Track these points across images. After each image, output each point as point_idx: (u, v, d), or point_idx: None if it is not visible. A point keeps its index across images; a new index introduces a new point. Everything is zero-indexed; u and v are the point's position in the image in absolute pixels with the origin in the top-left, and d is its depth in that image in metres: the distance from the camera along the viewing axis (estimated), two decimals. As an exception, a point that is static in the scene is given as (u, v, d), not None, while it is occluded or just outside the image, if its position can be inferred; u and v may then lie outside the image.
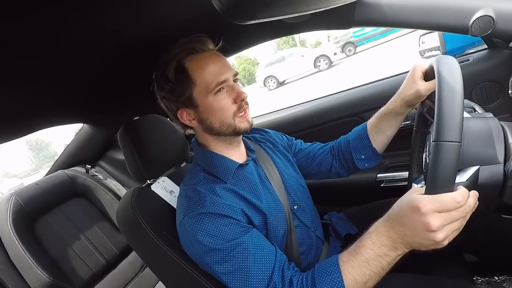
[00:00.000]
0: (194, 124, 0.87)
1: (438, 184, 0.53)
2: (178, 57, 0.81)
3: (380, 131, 1.00)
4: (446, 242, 0.55)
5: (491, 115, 0.72)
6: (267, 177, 0.95)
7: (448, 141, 0.52)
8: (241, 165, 0.90)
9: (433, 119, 0.56)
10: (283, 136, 1.18)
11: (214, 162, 0.88)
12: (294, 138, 1.19)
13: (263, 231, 0.84)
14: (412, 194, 0.58)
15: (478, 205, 0.57)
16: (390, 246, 0.61)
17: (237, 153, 0.93)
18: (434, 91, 0.70)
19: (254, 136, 1.09)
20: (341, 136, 1.12)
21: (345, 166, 1.09)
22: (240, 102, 0.84)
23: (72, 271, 1.43)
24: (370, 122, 1.02)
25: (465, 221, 0.56)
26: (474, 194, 0.56)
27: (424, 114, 0.88)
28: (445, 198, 0.53)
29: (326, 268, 0.68)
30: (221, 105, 0.83)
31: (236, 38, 0.89)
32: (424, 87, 0.83)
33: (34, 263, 1.31)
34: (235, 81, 0.86)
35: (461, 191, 0.54)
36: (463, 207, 0.54)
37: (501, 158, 0.62)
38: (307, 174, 1.13)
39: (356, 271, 0.64)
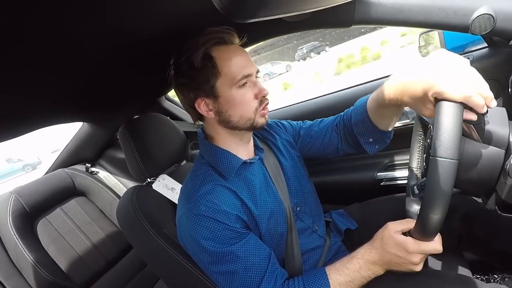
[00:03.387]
0: (210, 115, 0.85)
1: (425, 234, 0.65)
2: (206, 45, 0.79)
3: (384, 117, 0.89)
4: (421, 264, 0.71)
5: (504, 110, 0.70)
6: (271, 178, 0.95)
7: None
8: (245, 163, 0.89)
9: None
10: (287, 127, 1.12)
11: (218, 157, 0.87)
12: (297, 123, 1.14)
13: (258, 233, 0.85)
14: (398, 236, 0.71)
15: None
16: (374, 270, 0.75)
17: (245, 150, 0.93)
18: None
19: (261, 133, 1.06)
20: (345, 113, 1.03)
21: (352, 145, 1.02)
22: (262, 98, 0.85)
23: (72, 269, 1.43)
24: (370, 108, 0.90)
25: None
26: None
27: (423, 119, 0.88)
28: (427, 247, 0.67)
29: (316, 280, 0.77)
30: (244, 99, 0.82)
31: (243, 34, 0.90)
32: (429, 113, 0.65)
33: (35, 262, 1.31)
34: (256, 78, 0.87)
35: (438, 240, 0.67)
36: (432, 246, 0.68)
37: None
38: (312, 155, 1.11)
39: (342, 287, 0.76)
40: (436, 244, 0.67)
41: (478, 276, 1.29)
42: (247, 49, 1.13)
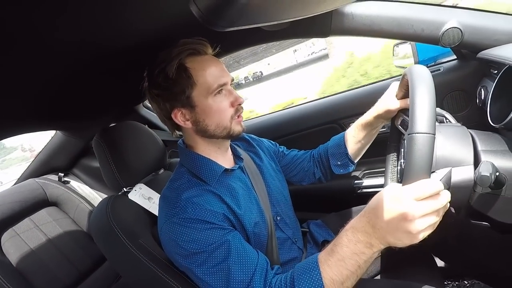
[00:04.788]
0: (187, 125, 0.86)
1: (414, 173, 0.55)
2: (180, 56, 0.81)
3: (356, 140, 1.06)
4: (420, 237, 0.55)
5: (459, 125, 0.75)
6: (253, 186, 0.95)
7: (422, 133, 0.55)
8: (226, 170, 0.89)
9: (406, 130, 0.58)
10: (270, 142, 1.20)
11: (200, 165, 0.87)
12: (278, 144, 1.22)
13: (244, 235, 0.84)
14: (389, 187, 0.59)
15: (449, 208, 0.58)
16: (365, 242, 0.60)
17: (225, 159, 0.94)
18: (407, 108, 0.81)
19: (242, 144, 1.10)
20: (321, 145, 1.17)
21: (323, 172, 1.14)
22: (237, 106, 0.87)
23: (42, 283, 1.36)
24: (348, 131, 1.09)
25: (439, 218, 0.56)
26: (447, 192, 0.56)
27: (397, 127, 0.91)
28: (421, 184, 0.54)
29: (305, 268, 0.68)
30: (220, 107, 0.84)
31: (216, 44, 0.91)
32: (395, 104, 0.90)
33: (0, 276, 1.24)
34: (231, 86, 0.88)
35: (436, 180, 0.55)
36: (438, 198, 0.54)
37: (471, 160, 0.65)
38: (290, 179, 1.17)
39: (333, 270, 0.63)
40: (431, 180, 0.54)
41: (449, 282, 1.32)
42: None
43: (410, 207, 0.53)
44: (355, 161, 1.10)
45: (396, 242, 0.57)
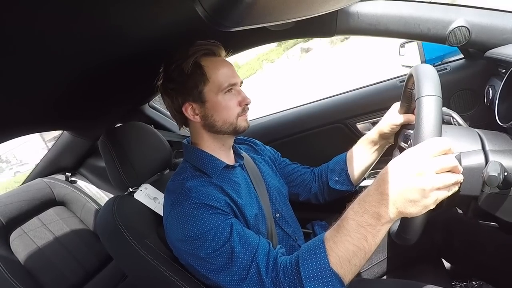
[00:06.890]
0: (196, 119, 0.91)
1: (424, 133, 0.58)
2: (196, 54, 0.87)
3: (356, 158, 1.08)
4: (434, 198, 0.53)
5: (466, 125, 0.75)
6: (252, 183, 0.98)
7: (429, 95, 0.59)
8: (227, 166, 0.93)
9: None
10: (273, 151, 1.25)
11: (203, 159, 0.92)
12: (281, 155, 1.26)
13: (245, 226, 0.85)
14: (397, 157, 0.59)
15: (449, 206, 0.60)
16: (372, 212, 0.58)
17: (227, 156, 0.98)
18: (409, 124, 0.89)
19: (244, 147, 1.14)
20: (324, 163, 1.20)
21: (320, 186, 1.16)
22: (244, 106, 0.92)
23: (48, 281, 1.37)
24: (351, 149, 1.12)
25: (456, 180, 0.54)
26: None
27: (400, 144, 0.92)
28: (433, 140, 0.54)
29: (311, 247, 0.67)
30: (228, 104, 0.89)
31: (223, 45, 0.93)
32: (399, 119, 0.94)
33: (9, 274, 1.26)
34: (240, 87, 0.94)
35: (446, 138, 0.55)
36: (449, 156, 0.54)
37: (479, 146, 0.66)
38: (290, 190, 1.19)
39: (338, 246, 0.61)
40: (441, 138, 0.55)
41: (457, 282, 1.31)
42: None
43: (424, 160, 0.53)
44: (354, 183, 1.11)
45: (407, 208, 0.55)
